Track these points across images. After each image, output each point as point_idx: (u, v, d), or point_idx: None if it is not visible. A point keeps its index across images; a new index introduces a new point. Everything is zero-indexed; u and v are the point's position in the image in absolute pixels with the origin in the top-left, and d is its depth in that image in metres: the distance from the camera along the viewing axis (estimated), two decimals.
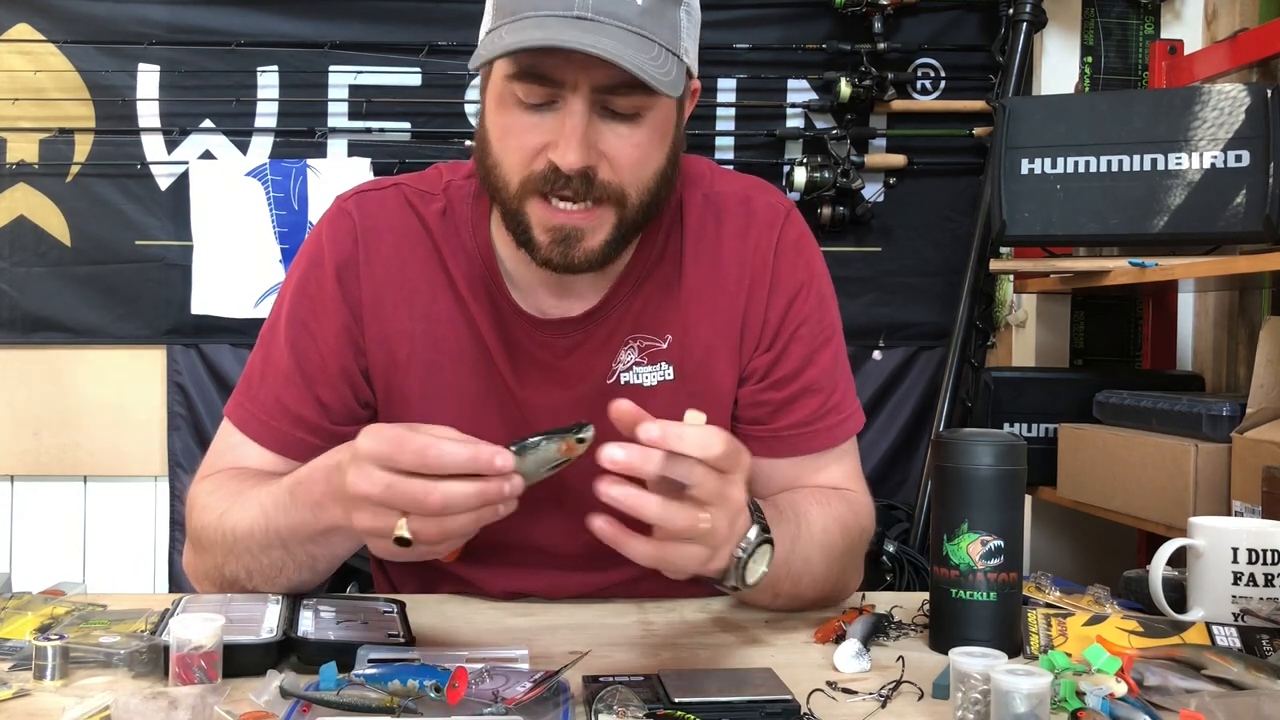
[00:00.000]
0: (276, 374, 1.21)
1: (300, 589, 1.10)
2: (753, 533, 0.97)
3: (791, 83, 2.89)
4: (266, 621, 1.00)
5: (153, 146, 2.81)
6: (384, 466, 0.88)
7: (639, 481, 0.87)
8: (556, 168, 1.07)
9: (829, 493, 1.23)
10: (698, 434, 0.88)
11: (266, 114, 2.83)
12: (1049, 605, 1.17)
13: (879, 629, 1.09)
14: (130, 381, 2.84)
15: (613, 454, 0.86)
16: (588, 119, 1.07)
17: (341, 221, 1.25)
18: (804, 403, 1.25)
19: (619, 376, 1.22)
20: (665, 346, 1.23)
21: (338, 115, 2.84)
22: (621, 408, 0.89)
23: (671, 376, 1.23)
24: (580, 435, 0.90)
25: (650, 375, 1.23)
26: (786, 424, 1.25)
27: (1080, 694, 0.87)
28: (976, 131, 2.85)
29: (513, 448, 0.88)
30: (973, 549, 1.02)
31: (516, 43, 1.03)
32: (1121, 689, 0.87)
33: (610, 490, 0.86)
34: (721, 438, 0.90)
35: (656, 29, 1.05)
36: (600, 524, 0.87)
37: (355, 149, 2.84)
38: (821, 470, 1.26)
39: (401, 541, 0.87)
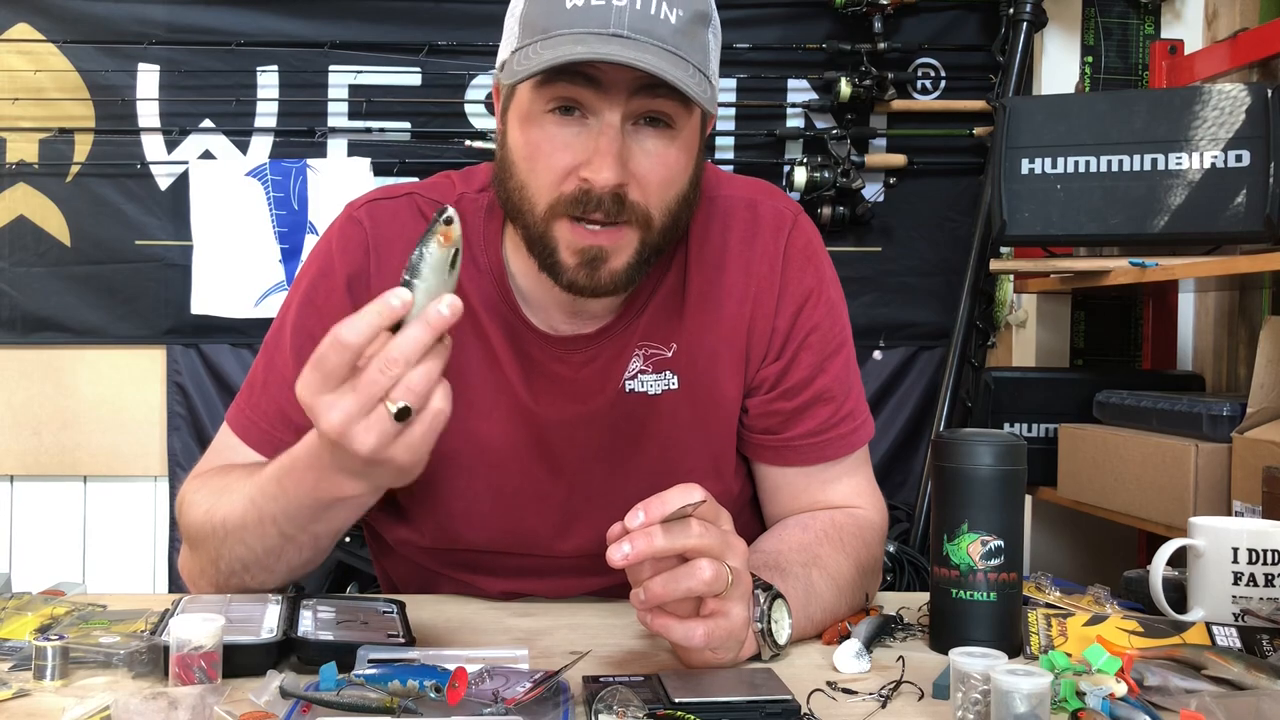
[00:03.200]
0: (280, 383, 1.19)
1: (299, 572, 1.10)
2: (760, 595, 1.00)
3: (791, 82, 2.89)
4: (266, 621, 0.99)
5: (153, 146, 2.82)
6: (334, 387, 0.87)
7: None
8: (588, 190, 1.05)
9: (839, 521, 1.21)
10: (675, 490, 0.92)
11: (266, 114, 2.83)
12: (1049, 605, 1.17)
13: (884, 630, 1.09)
14: (130, 381, 2.84)
15: (622, 551, 0.89)
16: (622, 137, 1.05)
17: (353, 231, 1.22)
18: (815, 412, 1.23)
19: (624, 384, 1.21)
20: (670, 355, 1.21)
21: (338, 115, 2.84)
22: (611, 534, 0.92)
23: (676, 385, 1.21)
24: (444, 218, 0.86)
25: (655, 384, 1.21)
26: (798, 433, 1.23)
27: (1080, 694, 0.87)
28: (976, 131, 2.85)
29: (405, 277, 0.87)
30: (973, 549, 1.02)
31: (559, 57, 1.01)
32: (1121, 689, 0.87)
33: (652, 588, 0.91)
34: (698, 487, 0.93)
35: (690, 50, 1.05)
36: (651, 620, 0.93)
37: (355, 149, 2.84)
38: (831, 484, 1.25)
39: (403, 413, 0.86)
